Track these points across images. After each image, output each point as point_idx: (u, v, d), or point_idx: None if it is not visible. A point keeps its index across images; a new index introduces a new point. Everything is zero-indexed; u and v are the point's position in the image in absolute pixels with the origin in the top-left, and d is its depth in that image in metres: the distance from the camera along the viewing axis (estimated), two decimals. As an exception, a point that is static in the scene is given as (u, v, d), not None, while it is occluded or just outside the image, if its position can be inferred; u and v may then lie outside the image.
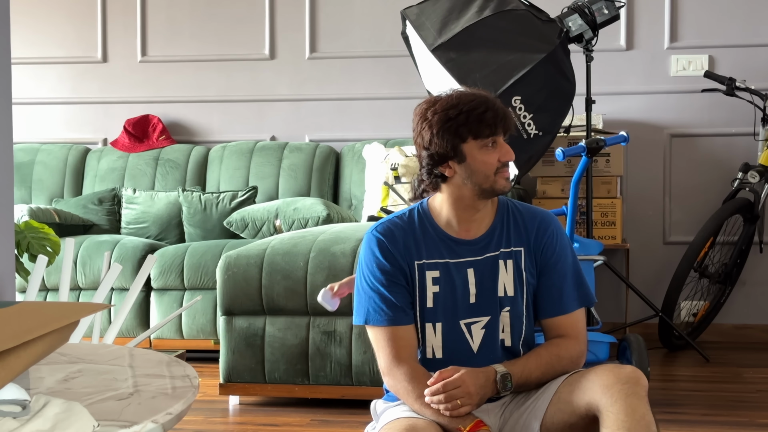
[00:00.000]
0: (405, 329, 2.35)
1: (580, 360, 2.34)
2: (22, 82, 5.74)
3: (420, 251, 2.37)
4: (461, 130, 2.29)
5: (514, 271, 2.37)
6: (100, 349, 2.06)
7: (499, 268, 2.38)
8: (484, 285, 2.37)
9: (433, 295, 2.36)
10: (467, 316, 2.37)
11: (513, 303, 2.37)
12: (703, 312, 5.06)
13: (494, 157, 2.31)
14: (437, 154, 2.32)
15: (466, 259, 2.37)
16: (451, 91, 2.37)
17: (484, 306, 2.37)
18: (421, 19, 4.20)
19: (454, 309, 2.36)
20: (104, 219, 5.28)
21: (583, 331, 2.39)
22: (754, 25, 5.21)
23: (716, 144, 5.24)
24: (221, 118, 5.74)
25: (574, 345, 2.35)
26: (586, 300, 2.42)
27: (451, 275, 2.37)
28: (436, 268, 2.37)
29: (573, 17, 4.26)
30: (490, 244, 2.38)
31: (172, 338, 4.72)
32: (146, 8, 5.79)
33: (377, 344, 2.38)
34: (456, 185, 2.35)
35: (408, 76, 5.16)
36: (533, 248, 2.39)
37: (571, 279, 2.40)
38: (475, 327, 2.37)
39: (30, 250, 3.30)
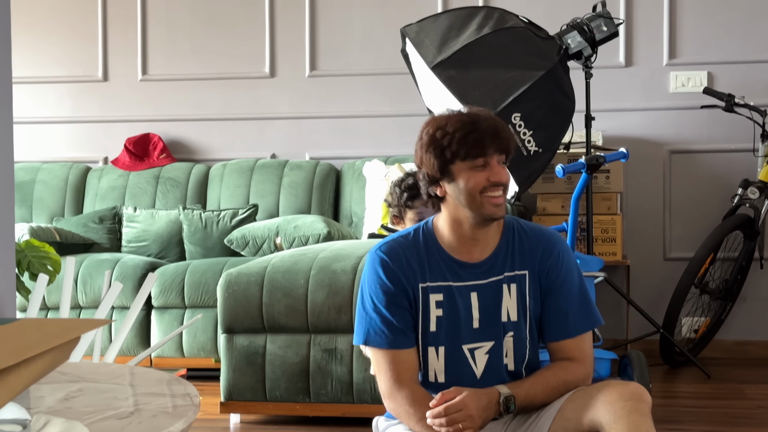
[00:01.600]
0: (406, 352, 2.32)
1: (586, 383, 2.31)
2: (23, 101, 5.76)
3: (424, 273, 2.33)
4: (446, 152, 2.27)
5: (518, 296, 2.34)
6: (101, 367, 2.06)
7: (503, 293, 2.34)
8: (488, 310, 2.33)
9: (436, 319, 2.33)
10: (470, 341, 2.33)
11: (516, 328, 2.34)
12: (704, 328, 5.05)
13: (482, 177, 2.26)
14: (428, 174, 2.32)
15: (470, 283, 2.33)
16: (448, 112, 2.35)
17: (487, 331, 2.34)
18: (421, 36, 4.21)
19: (457, 333, 2.33)
20: (105, 237, 5.28)
21: (589, 354, 2.36)
22: (753, 41, 5.22)
23: (716, 160, 5.25)
24: (221, 136, 5.75)
25: (581, 368, 2.33)
26: (593, 322, 2.38)
27: (454, 299, 2.33)
28: (439, 291, 2.33)
29: (572, 34, 4.28)
30: (494, 267, 2.34)
31: (172, 356, 4.71)
32: (147, 27, 5.80)
33: (378, 366, 2.36)
34: (452, 206, 2.32)
35: (408, 93, 5.18)
36: (538, 271, 2.35)
37: (577, 301, 2.36)
38: (479, 352, 2.34)
39: (31, 269, 3.30)
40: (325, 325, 3.64)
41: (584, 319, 2.37)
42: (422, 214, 3.02)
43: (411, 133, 5.52)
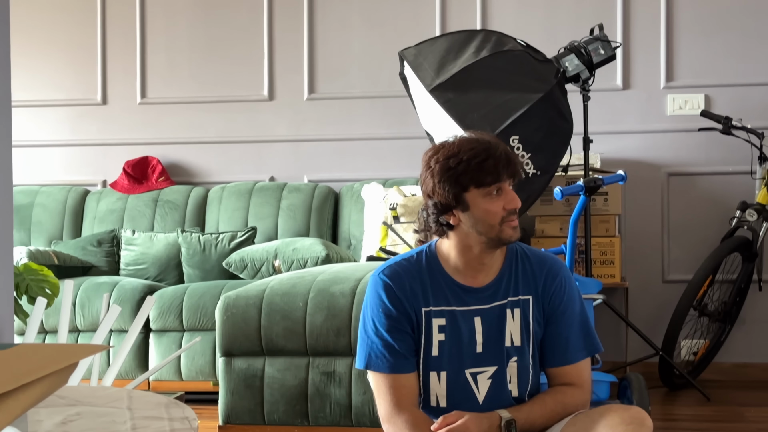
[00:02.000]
0: (407, 377, 2.32)
1: (585, 407, 2.32)
2: (22, 124, 5.77)
3: (427, 297, 2.32)
4: (462, 179, 2.24)
5: (521, 321, 2.33)
6: (99, 391, 2.05)
7: (507, 318, 2.33)
8: (491, 334, 2.32)
9: (438, 344, 2.32)
10: (473, 366, 2.33)
11: (520, 353, 2.33)
12: (703, 350, 5.04)
13: (498, 205, 2.26)
14: (440, 203, 2.28)
15: (474, 308, 2.33)
16: (454, 138, 2.31)
17: (490, 356, 2.33)
18: (419, 59, 4.23)
19: (459, 358, 2.32)
20: (103, 260, 5.28)
21: (588, 379, 2.36)
22: (750, 64, 5.24)
23: (714, 182, 5.25)
24: (220, 159, 5.75)
25: (580, 394, 2.33)
26: (593, 349, 2.38)
27: (457, 323, 2.32)
28: (442, 316, 2.32)
29: (570, 57, 4.29)
30: (498, 291, 2.33)
31: (171, 380, 4.70)
32: (146, 50, 5.82)
33: (378, 390, 2.35)
34: (463, 233, 2.30)
35: (406, 116, 5.19)
36: (541, 296, 2.34)
37: (578, 328, 2.35)
38: (481, 377, 2.33)
39: (29, 292, 3.30)
40: (323, 347, 3.63)
41: (584, 346, 2.37)
42: None
43: (409, 155, 5.57)
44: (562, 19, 5.36)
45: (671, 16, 5.31)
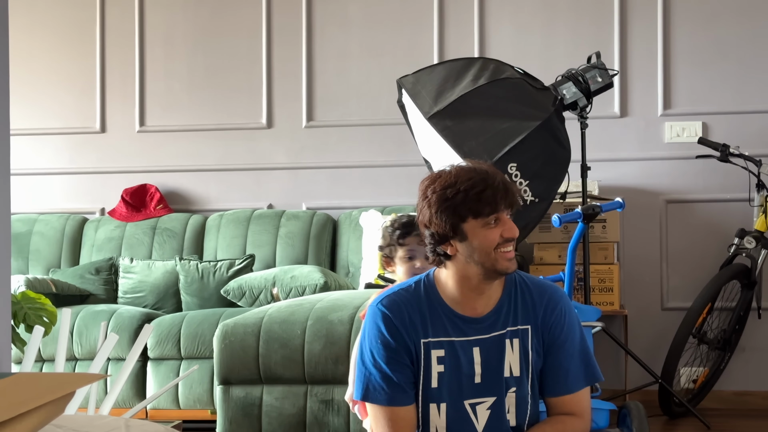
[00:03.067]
0: (405, 410, 2.30)
1: None
2: (21, 152, 5.77)
3: (426, 328, 2.30)
4: (460, 210, 2.22)
5: (521, 351, 2.31)
6: (96, 420, 2.04)
7: (506, 348, 2.31)
8: (490, 364, 2.31)
9: (438, 375, 2.30)
10: (472, 397, 2.31)
11: (518, 384, 2.32)
12: (702, 378, 5.03)
13: (496, 233, 2.24)
14: (437, 233, 2.26)
15: (473, 338, 2.31)
16: (451, 167, 2.29)
17: (489, 386, 2.31)
18: (417, 87, 4.24)
19: (459, 389, 2.31)
20: (101, 289, 5.27)
21: (587, 408, 2.35)
22: (747, 92, 5.26)
23: (712, 210, 5.26)
24: (218, 186, 5.76)
25: (579, 423, 2.32)
26: (593, 378, 2.37)
27: (456, 354, 2.30)
28: (441, 347, 2.30)
29: (567, 85, 4.31)
30: (497, 321, 2.32)
31: (168, 408, 4.68)
32: (144, 79, 5.84)
33: (375, 422, 2.33)
34: (460, 263, 2.28)
35: (404, 144, 5.20)
36: (541, 326, 2.33)
37: (578, 358, 2.34)
38: (480, 408, 2.31)
39: (26, 320, 3.29)
40: (322, 375, 3.62)
41: (584, 375, 2.35)
42: (414, 251, 3.01)
43: (407, 182, 5.57)
44: (560, 47, 5.38)
45: (668, 44, 5.33)
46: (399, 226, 3.09)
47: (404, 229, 3.07)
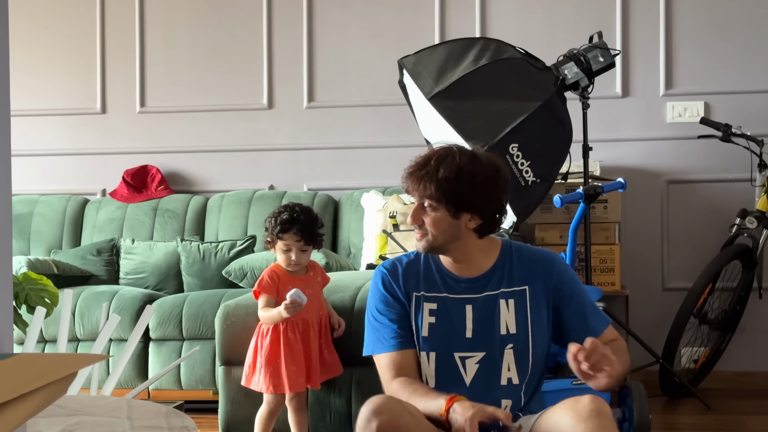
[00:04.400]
0: (404, 354, 2.50)
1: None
2: (21, 133, 5.77)
3: (419, 284, 2.53)
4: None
5: (516, 310, 2.48)
6: (99, 400, 2.05)
7: (500, 307, 2.49)
8: (482, 322, 2.49)
9: (429, 326, 2.50)
10: (462, 350, 2.48)
11: (516, 340, 2.48)
12: (703, 359, 5.03)
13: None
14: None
15: (464, 296, 2.50)
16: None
17: (480, 342, 2.48)
18: (418, 68, 4.23)
19: (449, 341, 2.49)
20: (103, 269, 5.27)
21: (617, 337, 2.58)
22: (749, 71, 5.24)
23: (713, 190, 5.25)
24: (220, 167, 5.75)
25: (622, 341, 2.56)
26: (606, 321, 2.59)
27: (447, 309, 2.50)
28: (434, 301, 2.51)
29: (569, 65, 4.29)
30: (489, 283, 2.51)
31: (170, 389, 4.69)
32: (145, 59, 5.83)
33: (380, 372, 2.53)
34: None
35: (405, 124, 5.19)
36: (543, 287, 2.51)
37: (589, 305, 2.56)
38: (470, 361, 2.48)
39: (28, 301, 3.29)
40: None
41: (600, 318, 2.57)
42: (290, 246, 3.46)
43: (408, 163, 5.54)
44: (561, 27, 5.36)
45: (670, 24, 5.31)
46: (280, 222, 3.45)
47: (283, 226, 3.45)
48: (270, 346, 3.44)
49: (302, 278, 3.54)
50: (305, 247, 3.52)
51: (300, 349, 3.43)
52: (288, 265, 3.51)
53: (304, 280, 3.53)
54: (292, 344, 3.42)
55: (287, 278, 3.51)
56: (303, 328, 3.45)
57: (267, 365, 3.44)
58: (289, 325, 3.43)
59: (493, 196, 2.48)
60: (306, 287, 3.46)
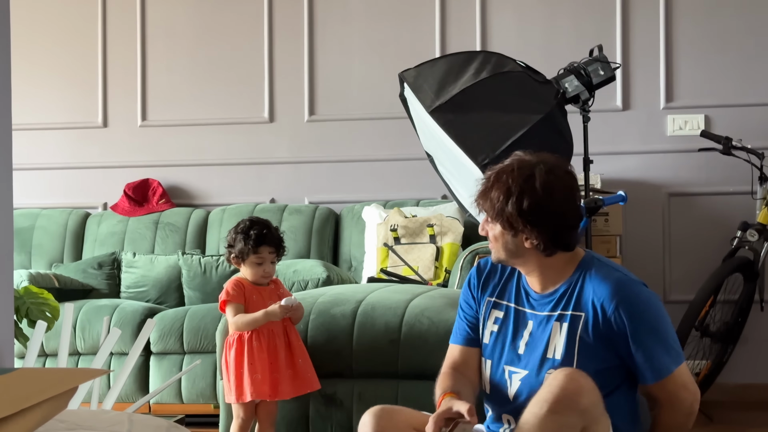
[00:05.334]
0: (465, 350, 2.58)
1: (685, 423, 2.43)
2: (23, 147, 5.77)
3: (495, 290, 2.55)
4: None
5: (567, 335, 2.39)
6: (99, 414, 2.04)
7: (552, 329, 2.42)
8: (535, 340, 2.44)
9: (491, 333, 2.52)
10: (511, 363, 2.48)
11: (557, 366, 2.38)
12: (705, 371, 5.03)
13: None
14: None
15: (530, 311, 2.48)
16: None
17: (527, 359, 2.45)
18: (419, 81, 4.23)
19: (499, 352, 2.50)
20: (104, 283, 5.27)
21: (677, 394, 2.42)
22: (749, 85, 5.25)
23: (714, 203, 5.25)
24: (221, 181, 5.76)
25: (663, 414, 2.45)
26: (678, 359, 2.43)
27: (512, 321, 2.50)
28: (501, 309, 2.52)
29: (569, 78, 4.30)
30: (553, 302, 2.44)
31: (171, 403, 4.69)
32: (146, 73, 5.84)
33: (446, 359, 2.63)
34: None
35: (406, 137, 5.19)
36: (602, 318, 2.37)
37: (653, 347, 2.39)
38: (516, 377, 2.46)
39: (29, 315, 3.29)
40: (324, 370, 3.61)
41: (665, 363, 2.41)
42: (263, 259, 3.50)
43: (409, 176, 5.57)
44: (562, 41, 5.38)
45: (670, 37, 5.33)
46: (254, 236, 3.48)
47: (258, 240, 3.48)
48: (235, 356, 3.45)
49: (266, 289, 3.58)
50: (275, 259, 3.58)
51: (265, 357, 3.43)
52: (260, 277, 3.55)
53: (268, 291, 3.58)
54: (256, 352, 3.43)
55: (252, 289, 3.55)
56: (268, 336, 3.46)
57: (234, 375, 3.45)
58: (254, 334, 3.45)
59: (546, 218, 2.36)
60: (269, 298, 3.53)
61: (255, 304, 3.51)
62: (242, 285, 3.55)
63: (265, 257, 3.52)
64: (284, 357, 3.48)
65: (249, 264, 3.54)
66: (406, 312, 3.59)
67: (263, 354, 3.44)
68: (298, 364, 3.49)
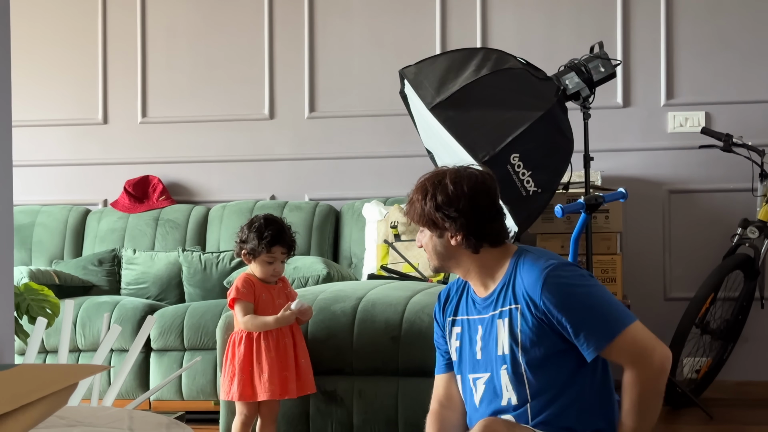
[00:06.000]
0: (444, 378, 2.65)
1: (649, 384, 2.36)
2: (23, 144, 5.77)
3: (453, 309, 2.61)
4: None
5: (508, 330, 2.44)
6: (100, 411, 2.04)
7: (497, 327, 2.46)
8: (486, 343, 2.48)
9: (456, 350, 2.57)
10: (473, 372, 2.52)
11: (507, 362, 2.44)
12: (705, 369, 5.03)
13: None
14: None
15: (477, 317, 2.52)
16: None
17: (485, 363, 2.49)
18: (419, 78, 4.23)
19: (465, 364, 2.54)
20: (104, 280, 5.27)
21: (637, 351, 2.37)
22: (750, 82, 5.25)
23: (715, 200, 5.25)
24: (221, 178, 5.76)
25: (629, 376, 2.38)
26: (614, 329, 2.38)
27: (467, 332, 2.55)
28: (460, 325, 2.57)
29: (570, 75, 4.30)
30: (493, 302, 2.49)
31: (171, 399, 4.69)
32: (147, 70, 5.84)
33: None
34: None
35: (407, 134, 5.19)
36: (533, 306, 2.40)
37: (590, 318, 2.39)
38: (479, 382, 2.51)
39: (29, 312, 3.29)
40: (325, 366, 3.62)
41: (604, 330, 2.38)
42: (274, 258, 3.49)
43: (410, 173, 5.53)
44: (562, 38, 5.37)
45: (671, 34, 5.32)
46: (270, 235, 3.47)
47: (273, 239, 3.47)
48: (244, 354, 3.44)
49: (275, 287, 3.58)
50: (285, 259, 3.57)
51: (274, 356, 3.43)
52: (269, 275, 3.54)
53: (277, 290, 3.57)
54: (266, 351, 3.43)
55: (262, 287, 3.54)
56: (277, 336, 3.46)
57: (240, 373, 3.43)
58: (264, 333, 3.45)
59: (461, 209, 2.45)
60: (278, 296, 3.54)
61: (264, 302, 3.50)
62: (252, 283, 3.53)
63: (276, 257, 3.51)
64: (291, 356, 3.48)
65: (259, 262, 3.52)
66: (406, 309, 3.59)
67: (272, 353, 3.43)
68: (301, 365, 3.49)
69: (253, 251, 3.50)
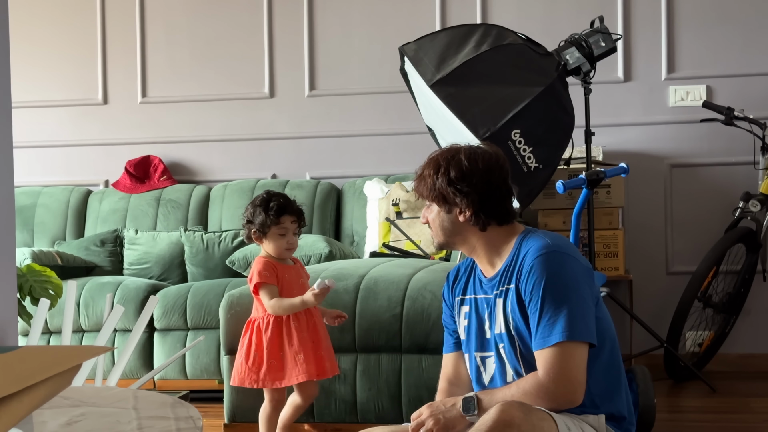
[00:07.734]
0: (453, 357, 2.63)
1: (542, 395, 2.31)
2: (23, 125, 5.76)
3: (462, 288, 2.61)
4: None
5: (503, 309, 2.45)
6: (104, 391, 2.05)
7: (497, 307, 2.47)
8: (491, 322, 2.49)
9: (464, 329, 2.57)
10: (480, 350, 2.53)
11: (504, 341, 2.46)
12: (708, 342, 5.04)
13: None
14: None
15: (483, 296, 2.53)
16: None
17: (491, 342, 2.50)
18: (419, 54, 4.22)
19: (472, 342, 2.55)
20: (106, 260, 5.28)
21: (553, 366, 2.31)
22: (751, 54, 5.23)
23: (716, 173, 5.25)
24: (222, 157, 5.75)
25: (535, 379, 2.34)
26: (560, 335, 2.31)
27: (474, 311, 2.55)
28: (468, 304, 2.57)
29: (570, 50, 4.28)
30: (497, 282, 2.49)
31: (175, 379, 4.70)
32: (146, 49, 5.82)
33: None
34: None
35: (407, 111, 5.18)
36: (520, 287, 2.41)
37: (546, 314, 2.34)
38: (488, 361, 2.51)
39: (32, 293, 3.30)
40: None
41: (547, 334, 2.33)
42: (286, 230, 3.38)
43: (411, 151, 5.57)
44: (563, 12, 5.35)
45: (672, 7, 5.30)
46: (275, 208, 3.36)
47: (279, 210, 3.36)
48: (272, 339, 3.32)
49: (293, 268, 3.46)
50: (297, 230, 3.44)
51: (307, 336, 3.32)
52: (284, 250, 3.40)
53: (295, 270, 3.46)
54: (297, 333, 3.31)
55: (283, 268, 3.40)
56: (306, 316, 3.36)
57: (270, 359, 3.31)
58: (292, 316, 3.33)
59: (474, 185, 2.43)
60: (298, 276, 3.43)
61: (288, 283, 3.37)
62: (273, 265, 3.37)
63: (287, 227, 3.36)
64: (324, 333, 3.39)
65: (272, 237, 3.37)
66: (408, 286, 3.60)
67: (304, 334, 3.31)
68: (328, 345, 3.40)
69: (263, 226, 3.36)
